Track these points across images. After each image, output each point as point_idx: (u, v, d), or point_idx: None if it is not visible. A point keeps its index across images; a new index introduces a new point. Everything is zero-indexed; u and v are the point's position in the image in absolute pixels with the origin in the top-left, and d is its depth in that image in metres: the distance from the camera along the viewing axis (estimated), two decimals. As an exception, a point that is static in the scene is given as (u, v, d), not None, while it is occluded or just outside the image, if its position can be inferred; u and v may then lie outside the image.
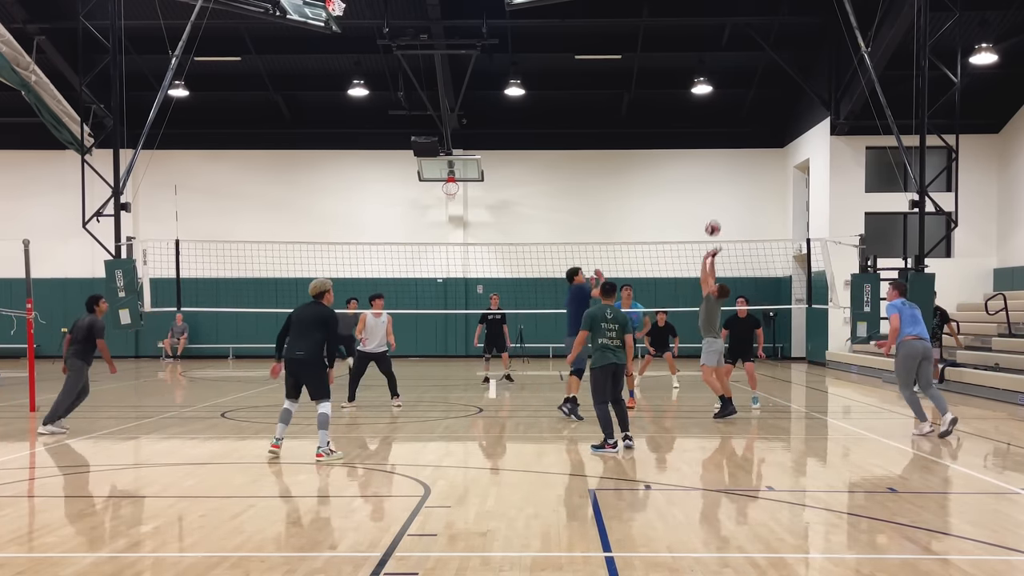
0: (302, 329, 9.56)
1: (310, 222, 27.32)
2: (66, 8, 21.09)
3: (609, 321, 9.92)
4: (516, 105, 26.43)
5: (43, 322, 21.51)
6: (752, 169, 28.02)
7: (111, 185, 16.06)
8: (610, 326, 9.91)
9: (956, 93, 17.23)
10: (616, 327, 9.92)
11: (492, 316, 18.84)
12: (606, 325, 9.90)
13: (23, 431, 12.31)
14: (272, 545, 6.38)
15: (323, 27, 19.68)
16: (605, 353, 9.93)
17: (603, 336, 9.90)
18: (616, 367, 9.97)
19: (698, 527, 6.87)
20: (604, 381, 9.94)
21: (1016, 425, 12.80)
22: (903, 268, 16.33)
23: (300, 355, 9.50)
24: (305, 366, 9.54)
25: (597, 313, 10.04)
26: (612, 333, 9.91)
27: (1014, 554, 6.15)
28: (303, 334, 9.55)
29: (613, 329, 9.91)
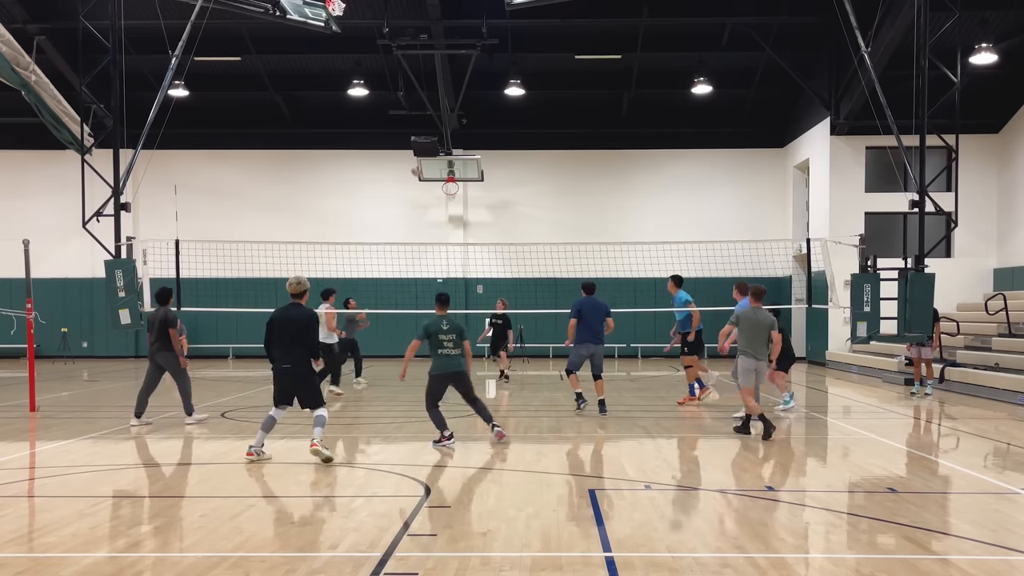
0: (288, 337, 9.34)
1: (310, 222, 27.33)
2: (66, 8, 21.08)
3: (445, 332, 10.42)
4: (516, 105, 26.43)
5: (43, 322, 21.58)
6: (752, 169, 28.03)
7: (111, 185, 16.04)
8: (447, 336, 10.42)
9: (956, 93, 17.21)
10: (453, 336, 10.44)
11: (497, 320, 19.03)
12: (443, 336, 10.40)
13: (23, 431, 12.31)
14: (272, 545, 6.38)
15: (323, 27, 19.67)
16: (443, 361, 10.48)
17: (440, 346, 10.42)
18: (455, 374, 10.54)
19: (698, 527, 6.87)
20: (440, 387, 10.55)
21: (1016, 425, 12.80)
22: (903, 268, 16.31)
23: (288, 367, 9.33)
24: (298, 377, 9.39)
25: (432, 324, 10.50)
26: (449, 343, 10.43)
27: (1014, 554, 6.15)
28: (290, 343, 9.33)
29: (450, 339, 10.42)
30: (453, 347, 10.45)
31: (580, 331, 13.43)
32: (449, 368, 10.48)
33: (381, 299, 23.94)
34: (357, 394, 17.08)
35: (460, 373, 10.54)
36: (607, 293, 24.63)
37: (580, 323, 13.42)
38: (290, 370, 9.27)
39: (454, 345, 10.45)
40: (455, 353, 10.47)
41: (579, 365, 13.64)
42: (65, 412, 14.38)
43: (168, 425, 12.54)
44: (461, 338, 10.51)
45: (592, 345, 13.43)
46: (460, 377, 10.57)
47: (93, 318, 27.28)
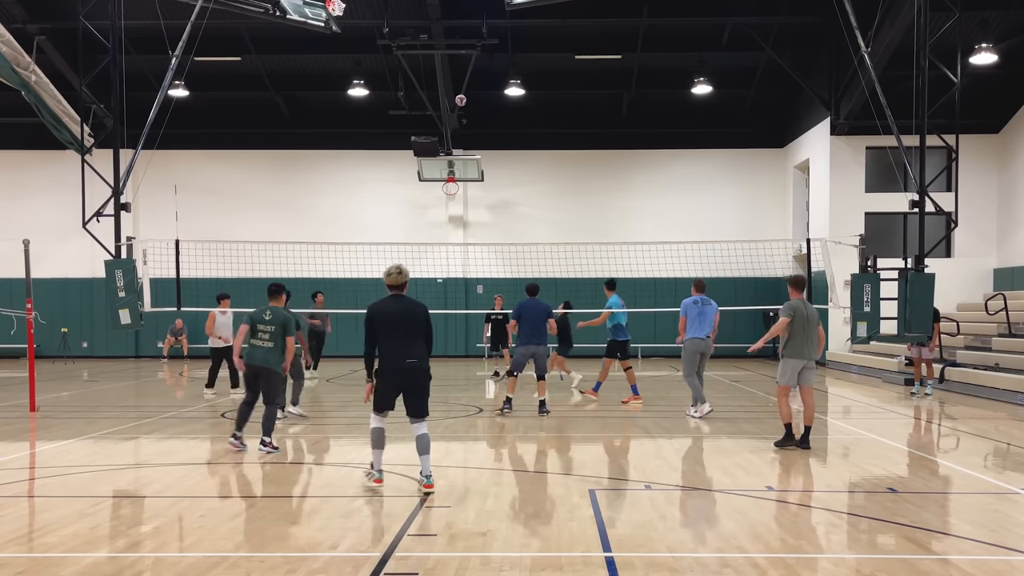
0: (406, 331, 7.93)
1: (310, 222, 27.32)
2: (66, 8, 21.09)
3: (266, 323, 9.95)
4: (516, 105, 26.43)
5: (43, 322, 21.57)
6: (752, 169, 28.02)
7: (111, 185, 16.05)
8: (265, 327, 9.95)
9: (956, 93, 17.22)
10: (271, 328, 9.94)
11: (495, 316, 19.11)
12: (261, 326, 9.95)
13: (23, 431, 12.32)
14: (272, 545, 6.37)
15: (323, 27, 19.67)
16: (251, 352, 9.97)
17: (255, 336, 9.97)
18: (258, 369, 9.91)
19: (698, 527, 6.87)
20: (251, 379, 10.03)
21: (1016, 425, 12.80)
22: (903, 268, 16.32)
23: (415, 362, 7.91)
24: (421, 375, 8.02)
25: (255, 314, 10.09)
26: (265, 334, 9.94)
27: (1014, 554, 6.15)
28: (407, 337, 7.93)
29: (267, 331, 9.94)
30: (268, 339, 9.91)
31: (521, 333, 13.69)
32: (253, 359, 9.92)
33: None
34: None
35: (264, 369, 9.91)
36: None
37: (521, 325, 13.65)
38: (416, 364, 7.89)
39: (269, 337, 9.91)
40: (266, 346, 9.92)
41: (522, 366, 13.83)
42: (65, 412, 14.38)
43: (168, 425, 12.53)
44: (283, 332, 9.96)
45: (533, 346, 13.59)
46: (263, 373, 9.93)
47: (93, 318, 27.28)
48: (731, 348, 26.98)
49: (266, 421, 10.02)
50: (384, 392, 7.96)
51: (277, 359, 10.01)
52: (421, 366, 7.90)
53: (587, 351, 22.22)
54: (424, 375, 7.96)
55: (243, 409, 10.18)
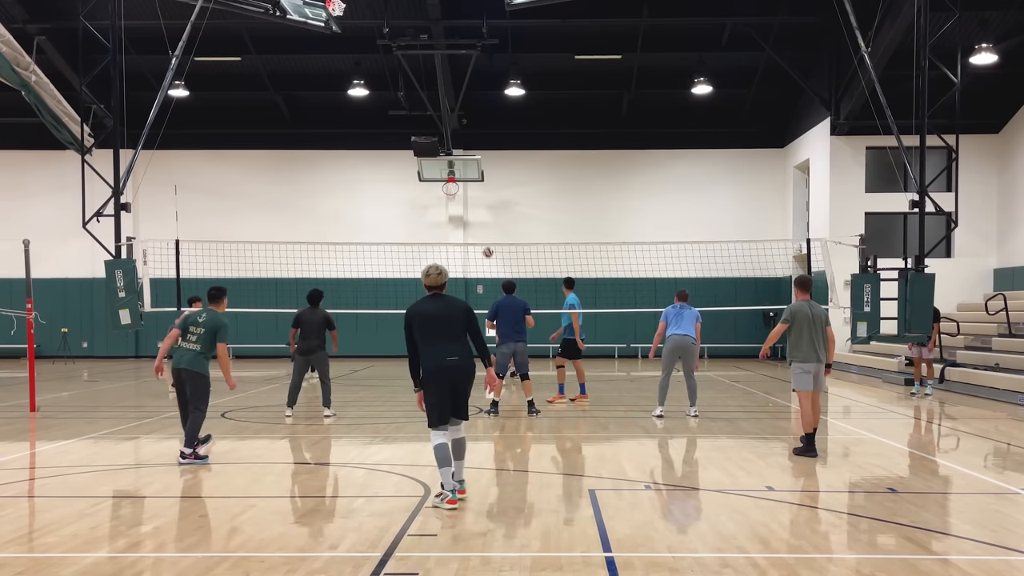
0: (450, 330, 7.52)
1: (310, 222, 27.33)
2: (66, 8, 21.09)
3: (199, 324, 9.53)
4: (516, 105, 26.43)
5: (43, 322, 21.57)
6: (752, 169, 28.03)
7: (111, 185, 16.05)
8: (196, 329, 9.51)
9: (956, 93, 17.22)
10: (201, 331, 9.50)
11: None
12: (193, 328, 9.52)
13: (23, 431, 12.32)
14: (272, 545, 6.37)
15: (323, 27, 19.68)
16: (178, 355, 9.55)
17: (184, 339, 9.54)
18: (179, 371, 9.51)
19: (698, 527, 6.87)
20: (179, 385, 9.61)
21: (1016, 425, 12.80)
22: (903, 268, 16.32)
23: (457, 360, 7.49)
24: (468, 372, 7.60)
25: (189, 316, 9.71)
26: (193, 337, 9.50)
27: (1014, 554, 6.15)
28: (451, 336, 7.52)
29: (196, 333, 9.50)
30: (195, 342, 9.45)
31: (500, 332, 13.60)
32: (180, 363, 9.48)
33: (381, 299, 23.97)
34: (355, 395, 17.06)
35: (185, 371, 9.46)
36: (607, 293, 24.77)
37: (499, 323, 13.59)
38: (459, 362, 7.47)
39: (197, 340, 9.45)
40: (193, 349, 9.45)
41: (505, 366, 13.77)
42: (65, 412, 14.38)
43: (168, 425, 12.53)
44: (210, 336, 9.47)
45: (513, 343, 13.56)
46: (185, 375, 9.49)
47: (93, 318, 27.29)
48: (731, 348, 27.00)
49: (190, 429, 9.47)
50: (436, 401, 7.49)
51: (203, 363, 9.51)
52: (463, 363, 7.49)
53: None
54: (467, 374, 7.55)
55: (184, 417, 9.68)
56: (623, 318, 25.27)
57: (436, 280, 7.66)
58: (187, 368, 9.45)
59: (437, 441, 7.49)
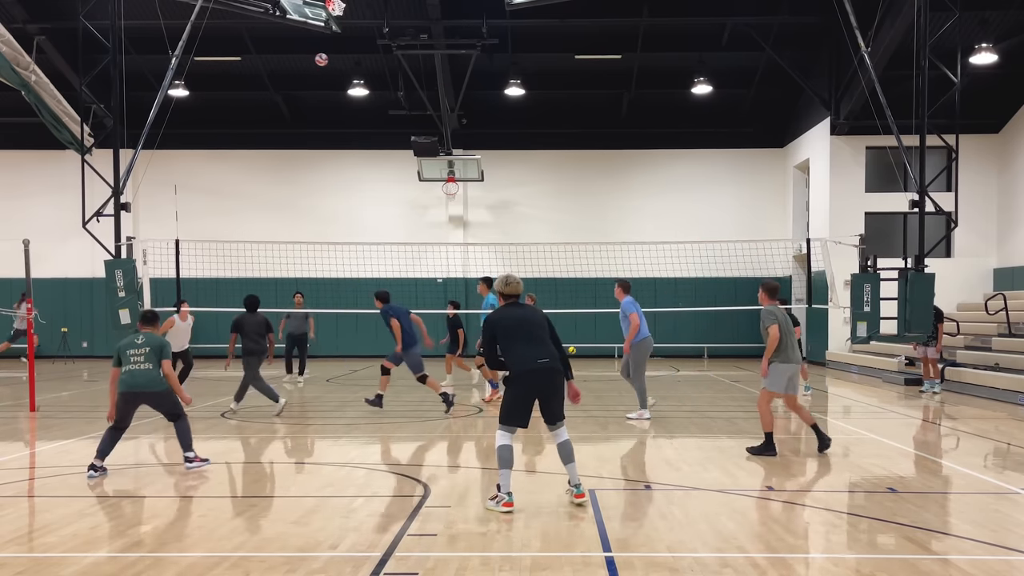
0: (536, 335, 7.52)
1: (310, 222, 27.33)
2: (66, 8, 21.09)
3: (139, 346, 9.07)
4: (516, 105, 26.43)
5: (43, 322, 21.57)
6: (752, 169, 28.02)
7: (111, 185, 16.06)
8: (138, 351, 9.06)
9: (956, 93, 17.23)
10: (147, 350, 9.06)
11: None
12: (132, 351, 9.04)
13: (23, 431, 12.32)
14: (272, 545, 6.37)
15: (323, 27, 19.68)
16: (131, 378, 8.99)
17: (128, 362, 9.04)
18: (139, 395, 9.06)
19: (698, 527, 6.87)
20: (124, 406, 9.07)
21: (1016, 425, 12.80)
22: (903, 268, 16.32)
23: (547, 362, 7.45)
24: (558, 375, 7.55)
25: (125, 342, 9.20)
26: (141, 357, 9.06)
27: (1014, 554, 6.15)
28: (540, 341, 7.52)
29: (142, 353, 9.06)
30: (144, 361, 9.01)
31: (405, 335, 13.71)
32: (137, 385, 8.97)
33: (381, 299, 23.92)
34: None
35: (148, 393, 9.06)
36: (607, 293, 24.67)
37: (406, 328, 13.75)
38: (549, 364, 7.45)
39: (145, 359, 9.02)
40: (146, 369, 9.00)
41: (421, 365, 13.89)
42: (65, 412, 14.38)
43: (168, 425, 12.52)
44: (157, 355, 9.06)
45: (415, 347, 13.88)
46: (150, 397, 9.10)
47: (93, 318, 27.28)
48: (731, 348, 27.01)
49: (183, 434, 9.32)
50: (518, 402, 7.46)
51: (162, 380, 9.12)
52: (554, 366, 7.48)
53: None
54: (559, 376, 7.54)
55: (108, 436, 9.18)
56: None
57: (516, 288, 7.76)
58: (149, 389, 9.02)
59: (502, 442, 7.44)
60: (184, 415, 9.36)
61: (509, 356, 7.48)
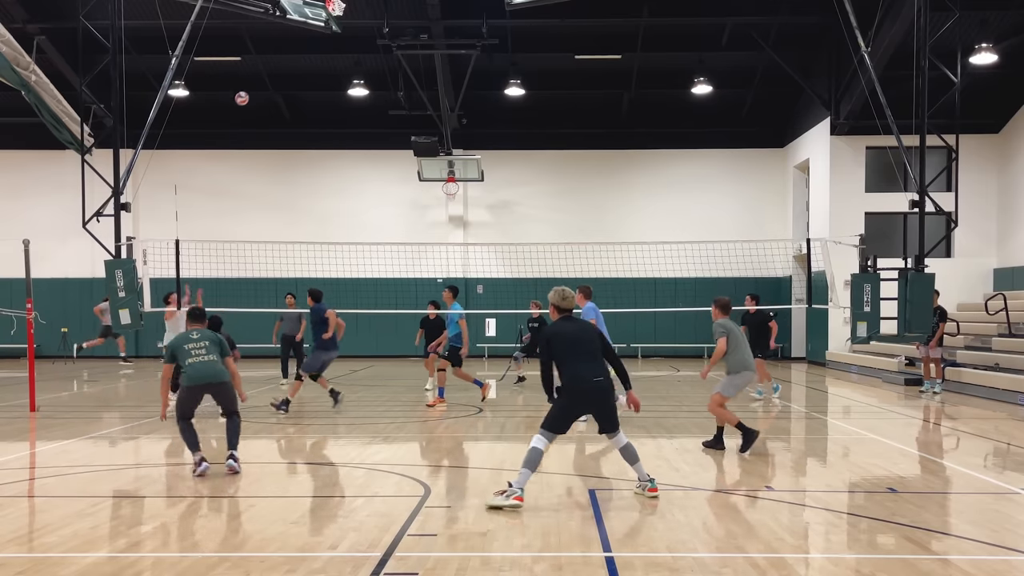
0: (590, 351, 7.75)
1: (310, 222, 27.33)
2: (66, 8, 21.08)
3: (196, 340, 9.15)
4: (516, 105, 26.43)
5: (43, 322, 21.57)
6: (752, 169, 28.02)
7: (111, 185, 16.05)
8: (197, 344, 9.12)
9: (956, 93, 17.22)
10: (206, 342, 9.14)
11: (532, 324, 18.85)
12: (191, 345, 9.10)
13: (23, 431, 12.32)
14: (272, 545, 6.37)
15: (323, 27, 19.67)
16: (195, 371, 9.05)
17: (189, 355, 9.07)
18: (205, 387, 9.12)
19: (698, 527, 6.87)
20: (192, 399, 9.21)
21: (1016, 425, 12.80)
22: (903, 268, 16.32)
23: (601, 380, 7.71)
24: (609, 393, 7.81)
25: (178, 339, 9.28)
26: (202, 349, 9.12)
27: (1014, 554, 6.15)
28: (592, 355, 7.75)
29: (202, 346, 9.12)
30: (206, 353, 9.10)
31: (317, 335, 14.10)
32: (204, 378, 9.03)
33: (381, 299, 23.97)
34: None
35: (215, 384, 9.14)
36: (607, 293, 24.67)
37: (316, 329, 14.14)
38: (603, 383, 7.77)
39: (207, 351, 9.11)
40: (210, 360, 9.07)
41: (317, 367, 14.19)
42: (65, 412, 14.38)
43: (168, 425, 12.52)
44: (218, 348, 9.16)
45: (335, 351, 14.36)
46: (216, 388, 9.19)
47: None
48: (731, 348, 26.98)
49: (235, 433, 9.27)
50: (566, 413, 7.76)
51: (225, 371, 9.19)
52: (606, 384, 7.79)
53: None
54: (610, 393, 7.86)
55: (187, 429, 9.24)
56: (623, 318, 25.22)
57: (571, 303, 8.04)
58: (218, 381, 9.06)
59: (537, 444, 7.58)
60: (238, 415, 9.32)
61: (564, 371, 7.72)
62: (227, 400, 9.27)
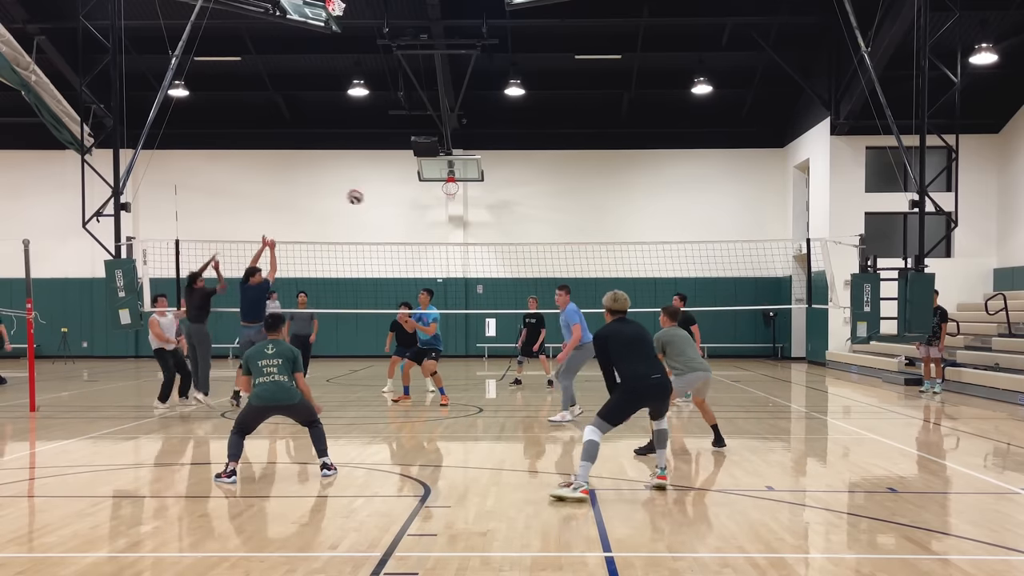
0: (645, 351, 8.16)
1: (310, 222, 27.33)
2: (66, 8, 21.08)
3: (270, 356, 8.88)
4: (516, 105, 26.43)
5: (43, 322, 21.57)
6: (752, 169, 28.03)
7: (111, 185, 16.04)
8: (270, 362, 8.85)
9: (956, 93, 17.22)
10: (279, 362, 8.85)
11: (530, 319, 18.62)
12: (264, 361, 8.84)
13: (23, 431, 12.32)
14: (272, 545, 6.37)
15: (323, 27, 19.67)
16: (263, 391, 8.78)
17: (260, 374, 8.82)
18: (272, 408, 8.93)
19: (698, 527, 6.87)
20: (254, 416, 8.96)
21: (1016, 425, 12.80)
22: (903, 268, 16.32)
23: (659, 377, 8.12)
24: (667, 389, 8.21)
25: (254, 351, 9.00)
26: (274, 368, 8.83)
27: (1014, 554, 6.15)
28: (648, 355, 8.18)
29: (274, 365, 8.84)
30: (277, 373, 8.82)
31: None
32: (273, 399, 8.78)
33: (381, 299, 23.95)
34: (356, 395, 17.05)
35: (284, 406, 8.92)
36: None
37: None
38: (660, 380, 8.15)
39: (279, 371, 8.83)
40: (279, 381, 8.80)
41: None
42: (65, 412, 14.38)
43: (168, 425, 12.53)
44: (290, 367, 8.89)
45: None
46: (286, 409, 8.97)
47: (93, 318, 27.29)
48: (731, 348, 27.02)
49: (320, 440, 9.04)
50: (624, 407, 7.99)
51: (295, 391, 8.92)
52: (664, 381, 8.20)
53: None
54: (667, 390, 8.23)
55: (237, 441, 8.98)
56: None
57: (624, 305, 8.39)
58: (286, 402, 8.86)
59: (592, 437, 7.74)
60: (319, 422, 9.09)
61: (623, 370, 7.95)
62: (302, 415, 9.05)
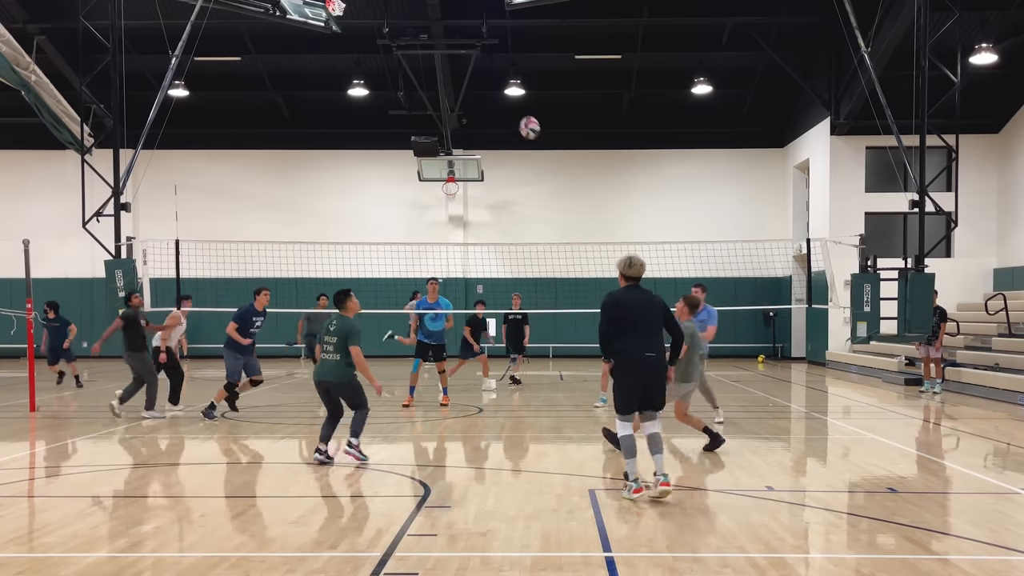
0: (648, 324, 7.58)
1: (310, 222, 27.33)
2: (66, 8, 21.08)
3: (331, 334, 9.08)
4: (516, 105, 26.38)
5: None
6: (752, 169, 28.02)
7: (111, 185, 16.06)
8: (328, 339, 9.07)
9: (956, 93, 17.23)
10: (335, 340, 9.05)
11: (514, 316, 18.71)
12: (327, 338, 9.09)
13: (23, 431, 12.31)
14: (272, 545, 6.37)
15: (323, 27, 19.68)
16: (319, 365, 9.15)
17: (323, 351, 9.05)
18: (321, 383, 9.16)
19: (698, 527, 6.87)
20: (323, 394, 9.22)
21: (1016, 425, 12.80)
22: (903, 268, 16.32)
23: (654, 356, 7.53)
24: (662, 369, 7.67)
25: (324, 326, 9.31)
26: (329, 347, 9.10)
27: (1014, 554, 6.15)
28: (648, 331, 7.58)
29: (331, 343, 9.09)
30: (332, 351, 9.06)
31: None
32: (320, 375, 9.10)
33: (381, 299, 23.93)
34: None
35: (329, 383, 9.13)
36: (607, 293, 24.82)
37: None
38: (655, 359, 7.53)
39: (334, 349, 9.05)
40: (331, 359, 9.06)
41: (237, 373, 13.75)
42: (65, 412, 14.37)
43: (168, 425, 12.53)
44: (344, 345, 9.02)
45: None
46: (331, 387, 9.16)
47: (93, 318, 27.26)
48: (731, 348, 27.00)
49: (357, 423, 9.26)
50: (626, 391, 7.63)
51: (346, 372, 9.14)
52: (659, 360, 7.58)
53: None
54: (663, 369, 7.66)
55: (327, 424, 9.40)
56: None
57: (640, 270, 7.80)
58: (330, 380, 9.13)
59: (623, 431, 7.64)
60: (366, 406, 9.27)
61: (617, 343, 7.55)
62: (347, 396, 9.27)
